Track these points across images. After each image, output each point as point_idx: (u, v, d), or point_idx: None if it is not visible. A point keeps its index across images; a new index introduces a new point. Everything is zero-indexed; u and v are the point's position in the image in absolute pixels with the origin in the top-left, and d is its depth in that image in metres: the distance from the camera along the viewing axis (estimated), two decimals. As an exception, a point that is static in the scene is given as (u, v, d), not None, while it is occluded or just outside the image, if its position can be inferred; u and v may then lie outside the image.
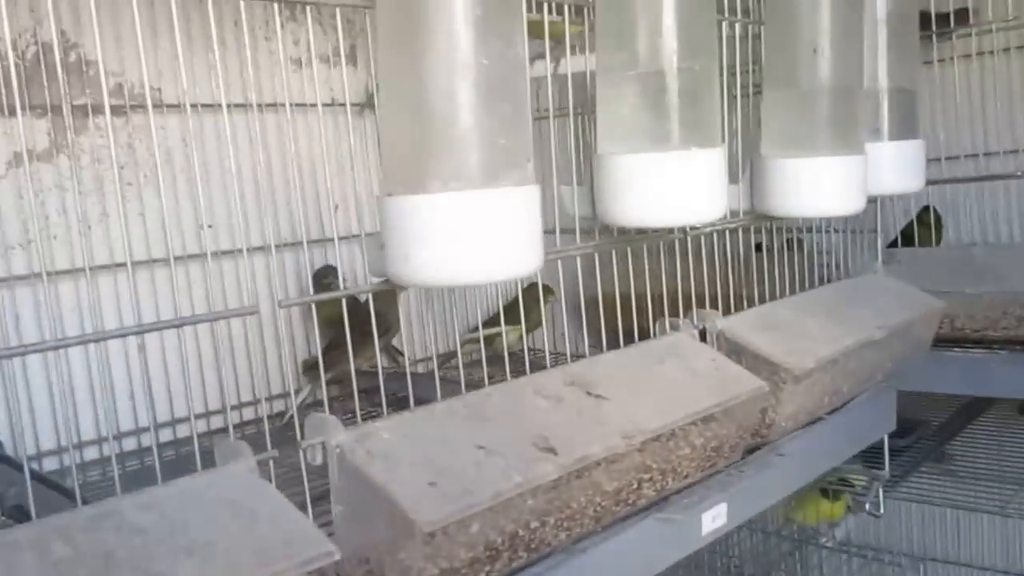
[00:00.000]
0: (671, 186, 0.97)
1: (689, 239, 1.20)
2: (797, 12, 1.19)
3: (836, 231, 1.67)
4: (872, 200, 1.57)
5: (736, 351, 1.18)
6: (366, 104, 1.53)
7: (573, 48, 1.06)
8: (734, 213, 1.29)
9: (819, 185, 1.21)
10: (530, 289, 1.64)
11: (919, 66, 1.42)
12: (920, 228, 1.85)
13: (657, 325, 1.18)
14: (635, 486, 0.96)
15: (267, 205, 1.36)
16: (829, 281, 1.59)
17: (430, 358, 1.68)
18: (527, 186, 0.79)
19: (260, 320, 1.23)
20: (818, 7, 1.18)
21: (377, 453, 0.80)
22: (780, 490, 1.30)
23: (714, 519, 1.16)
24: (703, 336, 1.19)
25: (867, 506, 1.74)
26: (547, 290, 1.68)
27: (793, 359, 1.15)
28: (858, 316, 1.35)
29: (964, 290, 1.60)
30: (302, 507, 0.78)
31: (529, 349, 1.72)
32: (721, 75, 1.18)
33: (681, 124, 0.96)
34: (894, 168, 1.38)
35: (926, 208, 1.85)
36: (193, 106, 0.79)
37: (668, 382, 1.04)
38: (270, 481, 0.78)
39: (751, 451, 1.25)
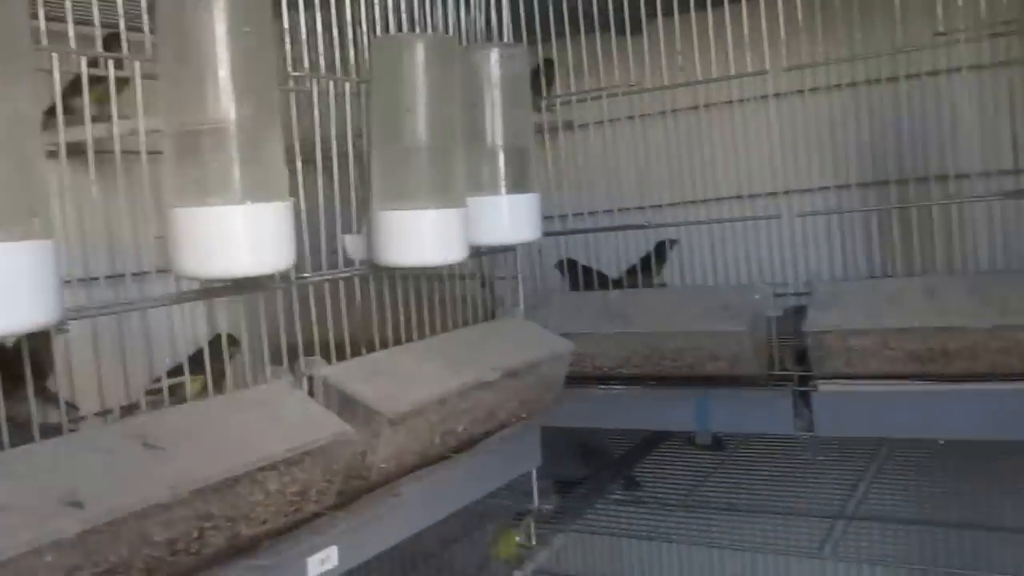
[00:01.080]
0: (228, 238, 1.00)
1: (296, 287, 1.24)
2: (392, 75, 1.27)
3: (502, 277, 1.77)
4: (507, 249, 1.68)
5: (340, 397, 1.22)
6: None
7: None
8: (350, 263, 1.34)
9: (419, 236, 1.28)
10: (216, 339, 1.63)
11: (531, 126, 1.53)
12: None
13: (261, 375, 1.20)
14: (196, 535, 0.98)
15: None
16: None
17: (110, 411, 1.64)
18: (31, 241, 0.80)
19: None
20: (412, 71, 1.26)
21: None
22: (401, 530, 1.35)
23: (322, 562, 1.19)
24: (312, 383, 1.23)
25: (517, 539, 1.82)
26: (232, 340, 1.68)
27: (389, 404, 1.21)
28: (478, 359, 1.43)
29: (599, 331, 1.73)
30: None
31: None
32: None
33: (241, 179, 1.00)
34: (511, 219, 1.47)
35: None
36: None
37: (243, 431, 1.06)
38: None
39: (368, 491, 1.29)
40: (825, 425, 1.66)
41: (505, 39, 1.69)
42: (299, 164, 1.24)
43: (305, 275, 1.26)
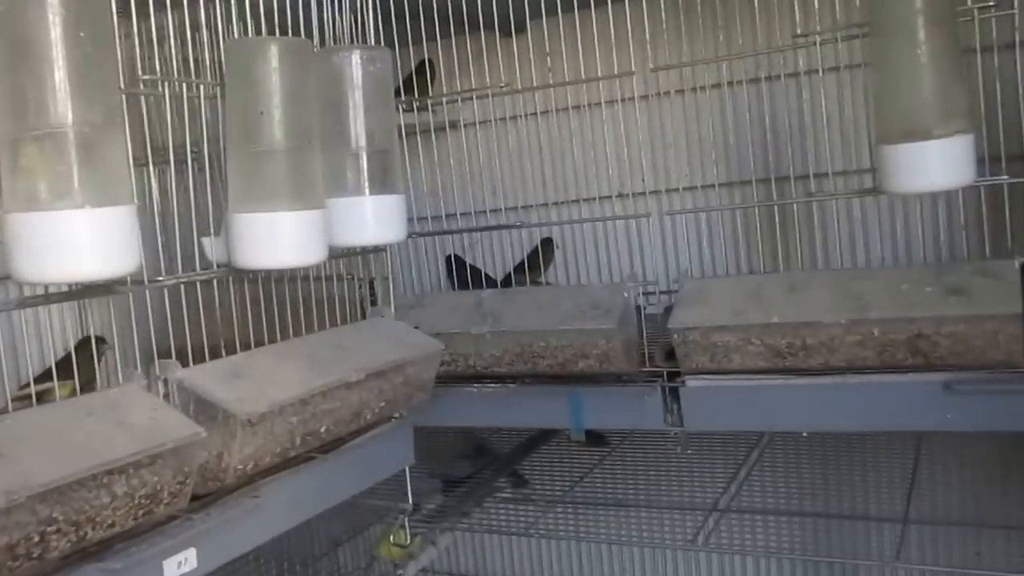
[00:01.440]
0: (68, 243, 0.99)
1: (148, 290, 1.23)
2: (245, 78, 1.27)
3: (373, 278, 1.78)
4: (377, 250, 1.69)
5: (195, 399, 1.22)
6: None
7: None
8: (206, 266, 1.34)
9: (274, 238, 1.28)
10: (84, 343, 1.61)
11: (396, 128, 1.54)
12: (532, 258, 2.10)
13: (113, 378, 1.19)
14: (37, 539, 0.97)
15: None
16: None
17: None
18: None
19: None
20: (265, 74, 1.26)
21: None
22: (262, 532, 1.35)
23: (180, 565, 1.19)
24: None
25: (391, 538, 1.83)
26: (100, 341, 1.65)
27: (244, 405, 1.21)
28: (343, 359, 1.44)
29: (470, 331, 1.75)
30: None
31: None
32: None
33: (80, 184, 0.99)
34: (375, 221, 1.48)
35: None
36: None
37: (90, 434, 1.05)
38: None
39: (229, 493, 1.29)
40: (694, 420, 1.69)
41: (376, 40, 1.71)
42: (151, 167, 1.23)
43: (159, 278, 1.25)
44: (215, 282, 1.35)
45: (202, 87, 1.33)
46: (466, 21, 1.94)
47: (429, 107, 2.02)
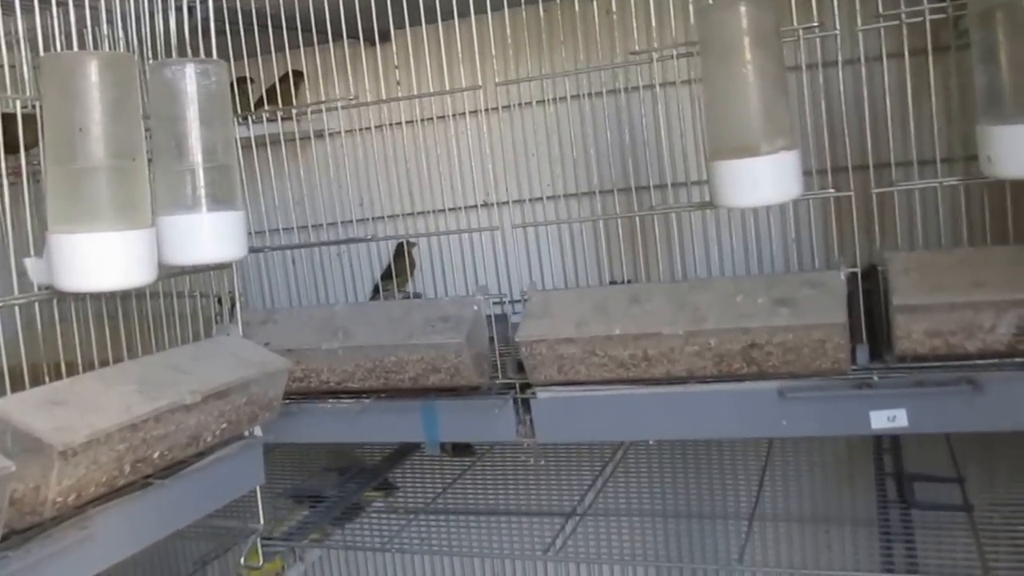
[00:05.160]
0: None
1: None
2: (62, 94, 1.22)
3: (211, 294, 1.75)
4: (221, 267, 1.66)
5: (11, 430, 1.17)
6: None
7: None
8: (24, 289, 1.29)
9: (95, 260, 1.24)
10: None
11: (235, 142, 1.50)
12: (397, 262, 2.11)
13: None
14: None
15: None
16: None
17: None
18: None
19: None
20: (83, 90, 1.22)
21: None
22: (94, 564, 1.30)
23: (7, 606, 1.14)
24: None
25: (242, 560, 1.79)
26: None
27: (61, 435, 1.16)
28: (179, 381, 1.40)
29: (321, 346, 1.73)
30: None
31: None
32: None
33: None
34: (213, 237, 1.44)
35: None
36: None
37: None
38: None
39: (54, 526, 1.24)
40: (545, 431, 1.70)
41: (240, 49, 1.68)
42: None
43: (-33, 305, 1.20)
44: (37, 305, 1.30)
45: (17, 102, 1.27)
46: (330, 30, 1.92)
47: (293, 116, 1.97)
